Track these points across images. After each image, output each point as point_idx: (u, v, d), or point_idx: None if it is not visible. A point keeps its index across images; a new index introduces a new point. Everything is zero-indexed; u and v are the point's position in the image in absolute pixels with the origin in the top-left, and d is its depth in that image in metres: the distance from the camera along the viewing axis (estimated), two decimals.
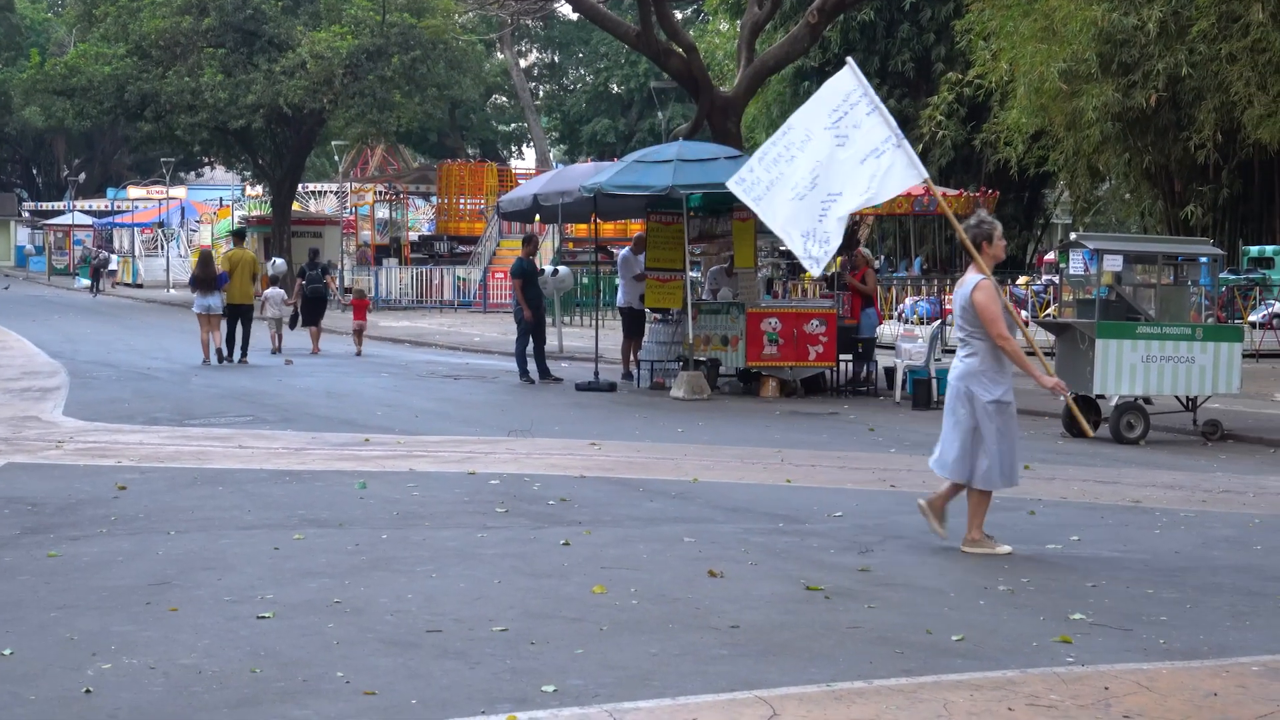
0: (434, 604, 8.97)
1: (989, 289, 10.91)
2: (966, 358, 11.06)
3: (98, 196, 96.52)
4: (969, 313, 10.97)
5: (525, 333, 25.95)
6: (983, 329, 10.90)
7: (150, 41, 55.00)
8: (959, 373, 11.09)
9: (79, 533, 11.27)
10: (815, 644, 8.14)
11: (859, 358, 24.78)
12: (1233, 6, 32.56)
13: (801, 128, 12.83)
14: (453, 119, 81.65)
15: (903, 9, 49.66)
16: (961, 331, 11.13)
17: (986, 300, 10.86)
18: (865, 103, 12.52)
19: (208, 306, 28.69)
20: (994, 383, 10.95)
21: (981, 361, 10.96)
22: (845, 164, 12.39)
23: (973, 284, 10.97)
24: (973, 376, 10.98)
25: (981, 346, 10.96)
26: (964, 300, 11.01)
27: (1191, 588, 9.84)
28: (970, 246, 11.25)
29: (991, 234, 11.23)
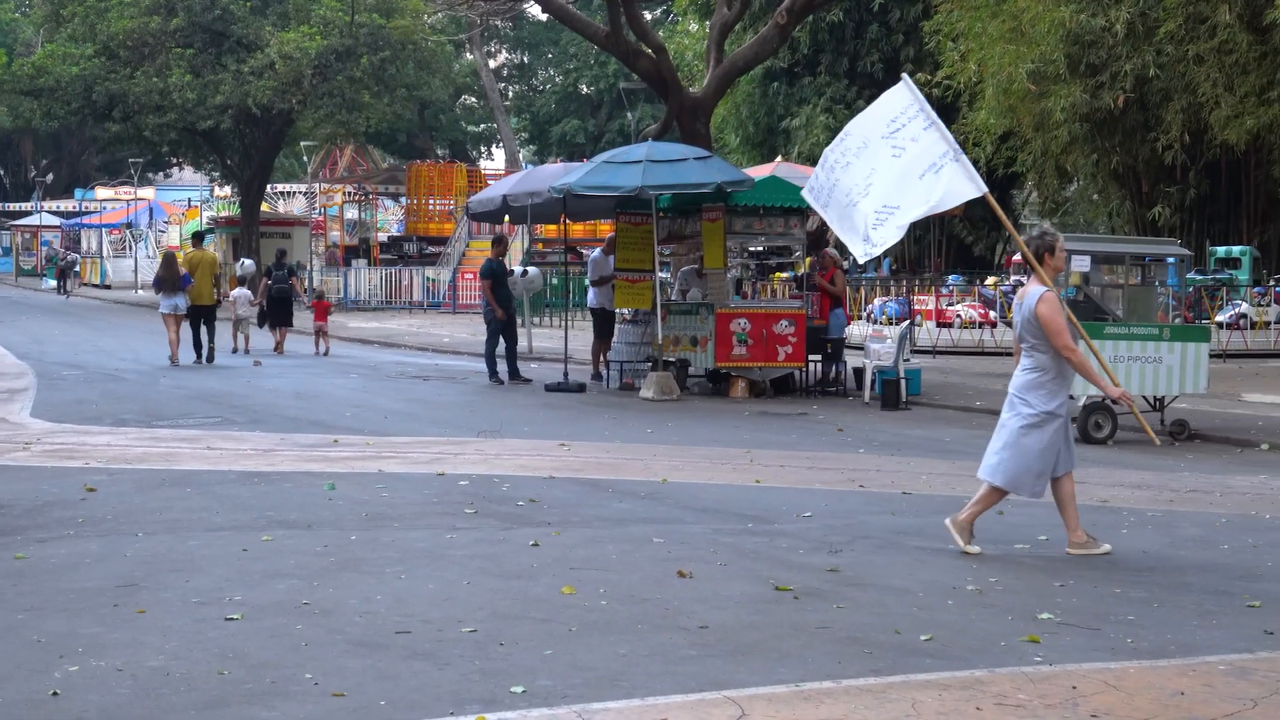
0: (403, 605, 8.96)
1: (1053, 301, 10.91)
2: (1029, 370, 11.07)
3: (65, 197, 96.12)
4: (1033, 325, 10.95)
5: (495, 334, 25.94)
6: (1047, 341, 10.89)
7: (118, 42, 54.88)
8: (1018, 385, 11.11)
9: (46, 534, 11.23)
10: (784, 644, 8.15)
11: (828, 358, 24.81)
12: (1200, 8, 32.68)
13: (859, 135, 12.86)
14: (422, 120, 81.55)
15: (871, 10, 49.72)
16: (1025, 343, 11.10)
17: (1051, 313, 10.86)
18: (922, 118, 12.55)
19: (174, 306, 28.79)
20: (1051, 395, 10.96)
21: (1043, 373, 10.97)
22: (904, 177, 12.42)
23: (1036, 296, 10.95)
24: (1032, 388, 11.00)
25: (1044, 359, 10.96)
26: (1028, 313, 10.99)
27: (1159, 587, 9.87)
28: (1031, 259, 11.24)
29: (1054, 245, 11.24)
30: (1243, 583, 10.08)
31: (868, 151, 12.64)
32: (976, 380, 26.65)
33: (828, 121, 49.61)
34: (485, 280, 26.30)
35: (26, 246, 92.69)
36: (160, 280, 29.28)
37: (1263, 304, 34.84)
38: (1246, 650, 8.23)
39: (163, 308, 29.06)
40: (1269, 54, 31.96)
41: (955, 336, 34.24)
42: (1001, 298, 36.40)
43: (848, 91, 50.97)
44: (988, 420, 21.20)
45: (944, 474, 15.48)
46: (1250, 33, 31.93)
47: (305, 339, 35.84)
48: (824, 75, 51.44)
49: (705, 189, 23.07)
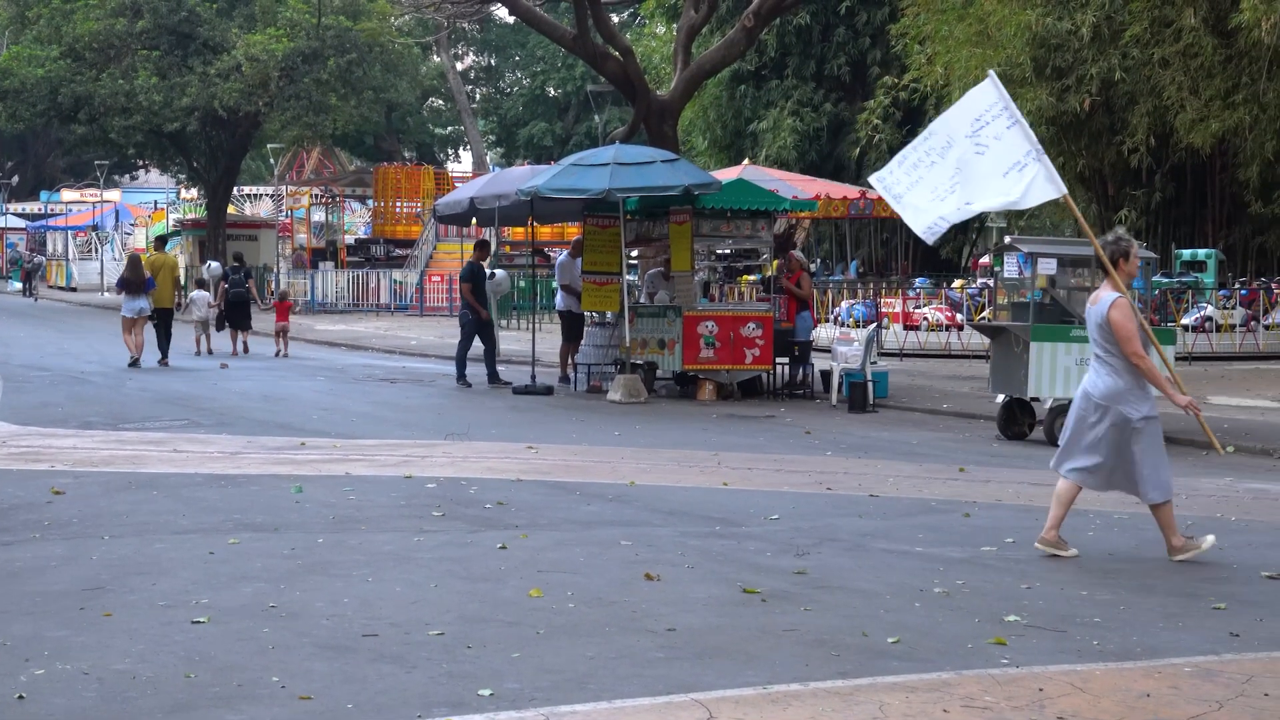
0: (370, 608, 8.95)
1: (1125, 307, 10.94)
2: (1108, 376, 11.03)
3: (31, 199, 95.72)
4: (1105, 330, 10.97)
5: (470, 335, 25.89)
6: (1118, 347, 10.91)
7: (84, 44, 54.66)
8: (1102, 391, 11.03)
9: (12, 538, 11.19)
10: (751, 647, 8.16)
11: (795, 361, 24.82)
12: (1165, 12, 32.80)
13: (943, 134, 12.89)
14: (389, 122, 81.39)
15: (838, 13, 49.79)
16: (1098, 348, 11.11)
17: (1123, 318, 10.88)
18: (1006, 116, 12.62)
19: (138, 309, 28.88)
20: (1140, 400, 10.96)
21: (1124, 380, 10.96)
22: (986, 175, 12.48)
23: (1109, 301, 10.97)
24: (1117, 396, 10.95)
25: (1120, 364, 10.96)
26: (1100, 318, 11.00)
27: (1125, 589, 9.91)
28: (1107, 263, 11.28)
29: (1129, 251, 11.29)
30: (1208, 585, 10.12)
31: (952, 151, 12.71)
32: (944, 383, 26.71)
33: (795, 124, 49.72)
34: (466, 283, 26.26)
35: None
36: (125, 282, 29.36)
37: (1228, 307, 34.94)
38: (1212, 652, 8.27)
39: (125, 310, 29.12)
40: (1234, 58, 32.08)
41: (922, 339, 34.28)
42: (968, 300, 36.46)
43: (815, 94, 51.06)
44: (955, 423, 21.34)
45: (911, 476, 15.51)
46: (1215, 36, 32.05)
47: (265, 340, 35.91)
48: (791, 78, 51.51)
49: (673, 192, 23.09)
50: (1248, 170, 34.64)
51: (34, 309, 57.62)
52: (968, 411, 22.24)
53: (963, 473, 15.87)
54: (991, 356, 20.24)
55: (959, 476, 15.62)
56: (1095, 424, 11.06)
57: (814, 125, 50.45)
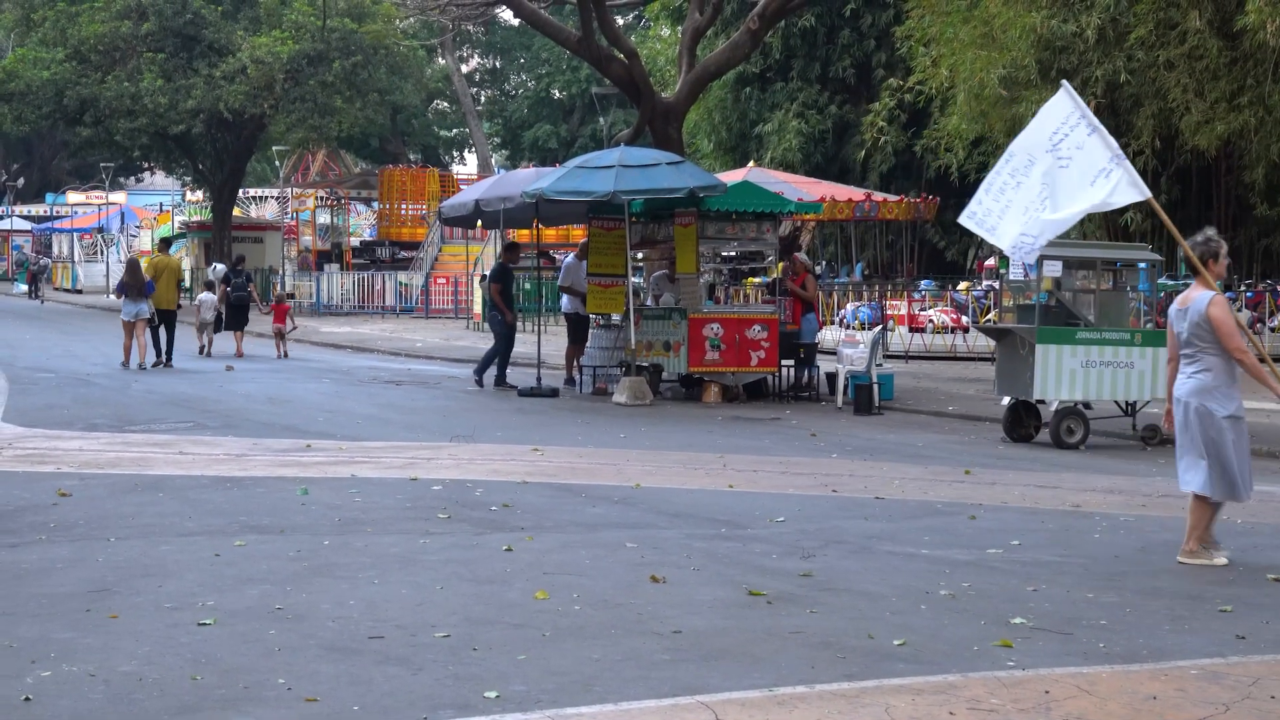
0: (376, 610, 8.95)
1: (1224, 304, 11.01)
2: (1197, 373, 11.05)
3: (36, 202, 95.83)
4: (1202, 328, 10.98)
5: (505, 338, 25.92)
6: (1218, 343, 10.93)
7: (89, 46, 54.75)
8: (1190, 389, 11.07)
9: (18, 540, 11.19)
10: (757, 649, 8.15)
11: (801, 363, 24.82)
12: (1170, 14, 32.76)
13: (1023, 154, 12.92)
14: (394, 124, 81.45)
15: (843, 15, 49.76)
16: (1191, 348, 11.10)
17: (1223, 314, 10.95)
18: (1084, 125, 12.64)
19: (136, 312, 29.01)
20: (1228, 397, 10.98)
21: (1214, 377, 10.98)
22: (1074, 186, 12.52)
23: (1207, 299, 11.00)
24: (1206, 392, 10.97)
25: (1215, 361, 10.98)
26: (1198, 315, 11.00)
27: (1131, 592, 9.90)
28: (1197, 263, 11.32)
29: (1218, 252, 11.38)
30: (1214, 587, 10.11)
31: (1035, 167, 12.74)
32: (949, 385, 26.70)
33: (800, 126, 49.69)
34: (495, 284, 26.25)
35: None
36: (125, 286, 29.50)
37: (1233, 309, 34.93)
38: (1219, 655, 8.27)
39: (124, 314, 29.28)
40: (1239, 60, 32.05)
41: (928, 341, 34.26)
42: (974, 302, 36.45)
43: (820, 97, 51.03)
44: (960, 425, 21.34)
45: (916, 479, 15.51)
46: (1220, 39, 32.01)
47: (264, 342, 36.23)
48: (796, 80, 51.48)
49: (678, 194, 23.09)
50: (1253, 172, 34.59)
51: (39, 311, 57.63)
52: (973, 414, 22.24)
53: (968, 475, 15.86)
54: (997, 359, 20.24)
55: (965, 479, 15.61)
56: (1186, 427, 11.11)
57: (819, 127, 50.43)
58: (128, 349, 29.14)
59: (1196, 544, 11.02)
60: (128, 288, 29.22)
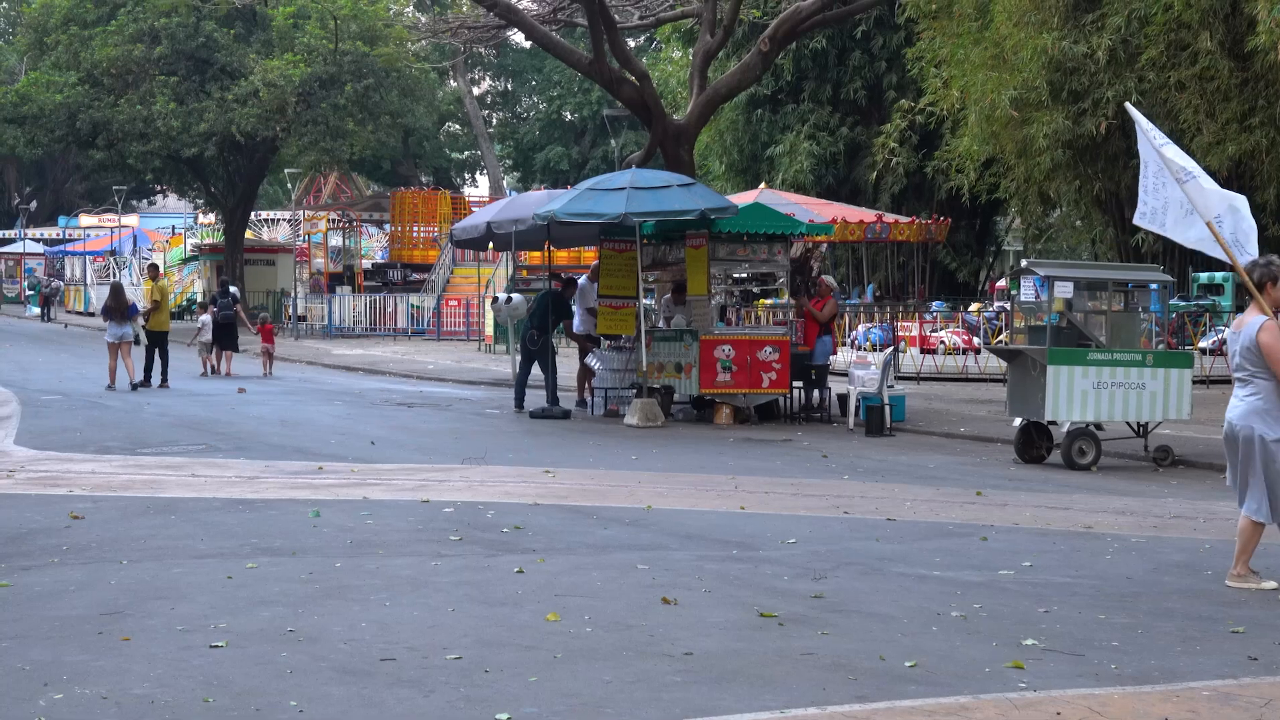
0: (388, 632, 8.95)
1: (1275, 330, 10.89)
2: (1248, 397, 11.01)
3: (49, 224, 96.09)
4: (1253, 353, 10.92)
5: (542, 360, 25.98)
6: (1268, 369, 10.87)
7: (102, 70, 54.93)
8: (1240, 412, 11.03)
9: (30, 562, 11.21)
10: (769, 671, 8.15)
11: (812, 384, 24.81)
12: (1181, 35, 32.77)
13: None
14: (406, 147, 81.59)
15: (854, 37, 49.84)
16: (1243, 371, 11.05)
17: (1273, 341, 10.83)
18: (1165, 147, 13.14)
19: (121, 335, 29.78)
20: (1278, 421, 10.91)
21: (1265, 400, 10.91)
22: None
23: (1259, 325, 10.93)
24: (1256, 415, 10.93)
25: (1266, 386, 10.91)
26: (1249, 340, 10.95)
27: (1143, 613, 9.89)
28: (1253, 288, 11.24)
29: (1277, 276, 11.23)
30: (1227, 609, 10.10)
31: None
32: (961, 406, 26.69)
33: (811, 148, 49.77)
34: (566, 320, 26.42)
35: (10, 274, 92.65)
36: (109, 310, 30.34)
37: None
38: (1231, 676, 8.25)
39: (109, 336, 30.03)
40: (1250, 80, 32.05)
41: (939, 363, 34.24)
42: (985, 323, 36.45)
43: (831, 118, 51.11)
44: (972, 446, 21.32)
45: (928, 500, 15.50)
46: (1231, 59, 32.03)
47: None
48: (807, 102, 51.56)
49: (689, 215, 23.11)
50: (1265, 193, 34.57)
51: (50, 333, 57.75)
52: (985, 435, 22.22)
53: (980, 496, 15.85)
54: (1008, 380, 20.21)
55: (976, 500, 15.60)
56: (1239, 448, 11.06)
57: (830, 149, 50.49)
58: (113, 370, 29.84)
59: (1245, 568, 10.99)
60: (111, 311, 30.06)
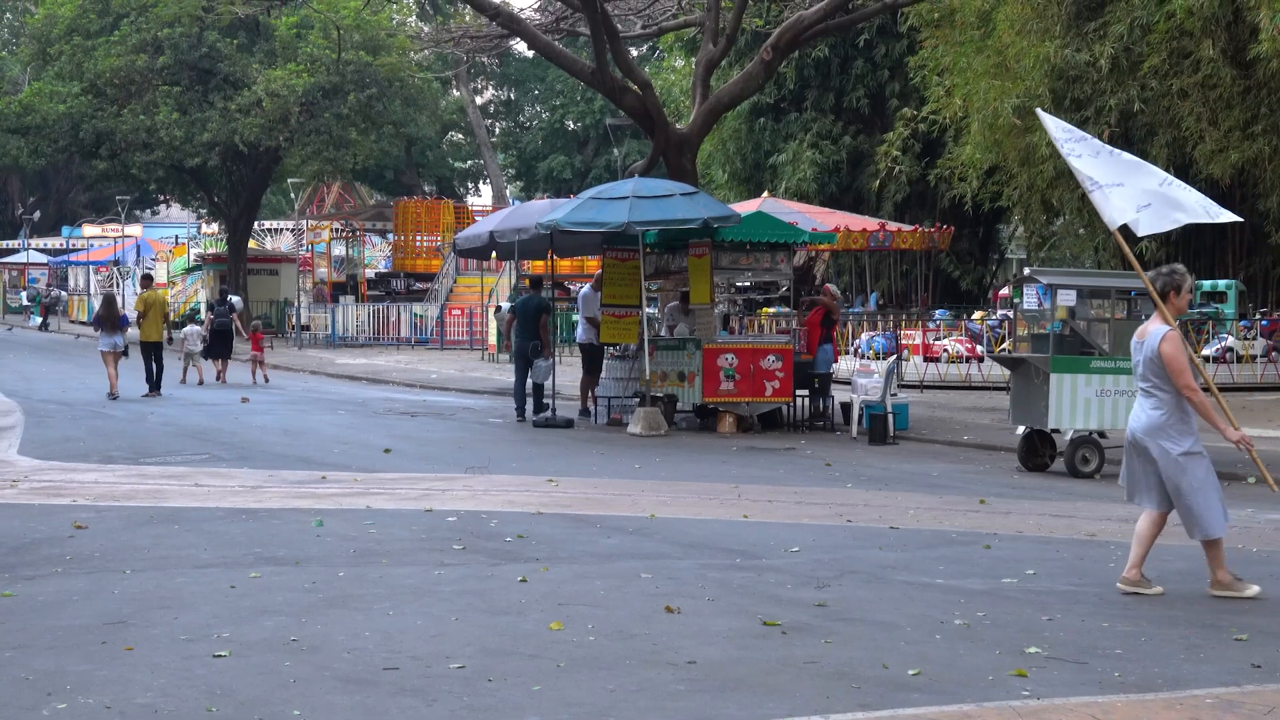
0: (391, 641, 8.96)
1: (1176, 340, 10.78)
2: (1152, 410, 10.87)
3: (53, 235, 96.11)
4: (1155, 364, 10.81)
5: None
6: (1169, 381, 10.75)
7: (105, 80, 54.93)
8: (1144, 425, 10.90)
9: (34, 572, 11.22)
10: (772, 679, 8.15)
11: (815, 393, 24.81)
12: (1183, 43, 32.82)
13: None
14: (409, 156, 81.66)
15: (857, 46, 49.88)
16: (1145, 383, 10.94)
17: (1174, 352, 10.72)
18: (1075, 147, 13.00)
19: (113, 344, 30.20)
20: (1182, 434, 10.79)
21: (1168, 414, 10.79)
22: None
23: (1160, 335, 10.81)
24: (1159, 430, 10.81)
25: (1167, 398, 10.80)
26: (1150, 352, 10.84)
27: (1146, 621, 9.88)
28: (1156, 296, 11.11)
29: (1181, 285, 11.09)
30: (1230, 616, 10.09)
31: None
32: (964, 415, 26.68)
33: (814, 157, 49.81)
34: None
35: (14, 284, 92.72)
36: (100, 320, 30.96)
37: (1248, 338, 34.91)
38: (1234, 683, 8.24)
39: (101, 345, 30.45)
40: (1253, 88, 32.10)
41: (942, 371, 34.23)
42: (988, 331, 36.45)
43: (834, 127, 51.13)
44: (975, 454, 21.31)
45: (931, 508, 15.49)
46: (1233, 67, 32.08)
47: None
48: (810, 111, 51.60)
49: (692, 224, 23.12)
50: (1268, 201, 34.63)
51: (55, 343, 57.76)
52: (988, 443, 22.22)
53: (983, 505, 15.85)
54: (1011, 388, 20.22)
55: (979, 508, 15.60)
56: (1145, 461, 10.96)
57: (833, 157, 50.54)
58: (112, 379, 30.07)
59: (1226, 575, 10.87)
60: (102, 321, 30.59)
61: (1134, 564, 10.91)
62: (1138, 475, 11.08)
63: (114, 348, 30.11)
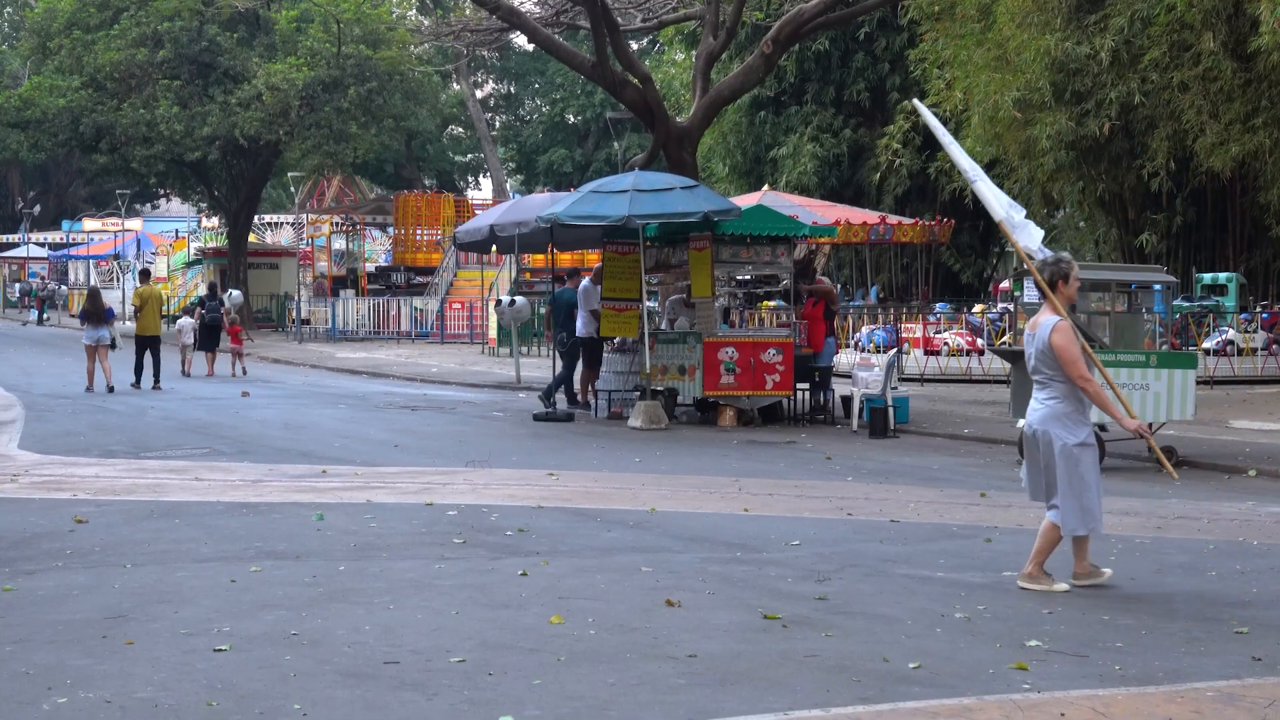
0: (391, 635, 8.95)
1: (1067, 330, 10.68)
2: (1048, 400, 10.81)
3: (53, 229, 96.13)
4: (1047, 355, 10.72)
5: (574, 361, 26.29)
6: (1063, 371, 10.67)
7: (105, 74, 54.95)
8: (1040, 416, 10.83)
9: (35, 566, 11.22)
10: (772, 673, 8.15)
11: (816, 386, 24.79)
12: (1184, 36, 32.81)
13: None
14: (409, 150, 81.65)
15: (857, 39, 49.87)
16: (1040, 374, 10.85)
17: (1065, 342, 10.62)
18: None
19: (97, 339, 30.47)
20: (1078, 425, 10.73)
21: (1064, 403, 10.73)
22: None
23: (1050, 326, 10.71)
24: (1055, 419, 10.74)
25: (1062, 389, 10.73)
26: (1042, 344, 10.75)
27: (1147, 614, 9.88)
28: (1044, 286, 11.02)
29: (1068, 274, 11.01)
30: (1231, 609, 10.09)
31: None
32: (964, 408, 26.67)
33: (815, 150, 49.79)
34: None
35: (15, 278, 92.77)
36: (85, 314, 31.19)
37: (1249, 330, 34.91)
38: (1235, 677, 8.24)
39: (85, 339, 30.74)
40: (1253, 81, 32.08)
41: (943, 364, 34.20)
42: (989, 325, 36.45)
43: (834, 120, 51.13)
44: (976, 448, 21.30)
45: (932, 502, 15.49)
46: (1234, 60, 32.06)
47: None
48: (810, 104, 51.58)
49: (692, 218, 23.10)
50: (1268, 193, 34.63)
51: (55, 337, 57.76)
52: (989, 436, 22.20)
53: (984, 498, 15.84)
54: (1012, 381, 20.20)
55: (980, 501, 15.60)
56: (1044, 456, 10.85)
57: (834, 151, 50.53)
58: (90, 373, 30.45)
59: (1037, 568, 10.73)
60: (88, 315, 30.81)
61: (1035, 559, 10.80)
62: (1039, 474, 10.97)
63: (98, 341, 30.38)
